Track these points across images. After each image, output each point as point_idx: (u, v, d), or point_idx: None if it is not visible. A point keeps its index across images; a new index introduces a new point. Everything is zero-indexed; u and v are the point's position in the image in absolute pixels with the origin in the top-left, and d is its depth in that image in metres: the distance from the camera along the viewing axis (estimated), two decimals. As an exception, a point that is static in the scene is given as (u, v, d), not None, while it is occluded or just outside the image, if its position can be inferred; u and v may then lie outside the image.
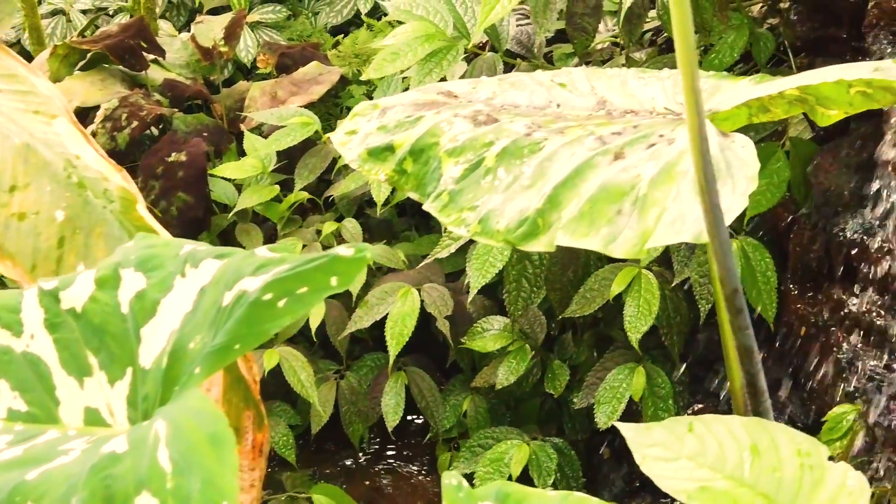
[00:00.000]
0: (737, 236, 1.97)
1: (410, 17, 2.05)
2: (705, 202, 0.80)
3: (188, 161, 2.48)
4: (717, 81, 1.13)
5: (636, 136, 1.03)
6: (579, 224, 0.98)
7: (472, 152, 1.10)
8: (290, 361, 2.24)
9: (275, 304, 0.75)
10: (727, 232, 0.83)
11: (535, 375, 2.20)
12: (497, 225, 1.04)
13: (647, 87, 1.13)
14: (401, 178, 1.16)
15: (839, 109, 1.13)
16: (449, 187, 1.09)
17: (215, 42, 2.79)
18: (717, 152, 0.96)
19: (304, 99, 2.73)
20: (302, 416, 2.33)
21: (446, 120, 1.14)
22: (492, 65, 2.00)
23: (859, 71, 1.03)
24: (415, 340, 2.37)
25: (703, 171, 0.78)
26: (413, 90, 1.25)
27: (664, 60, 2.04)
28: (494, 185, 1.06)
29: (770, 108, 1.16)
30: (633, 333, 1.96)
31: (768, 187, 1.91)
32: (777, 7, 2.03)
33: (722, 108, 1.06)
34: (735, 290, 0.82)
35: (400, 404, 2.26)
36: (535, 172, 1.04)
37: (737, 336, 0.85)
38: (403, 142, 1.16)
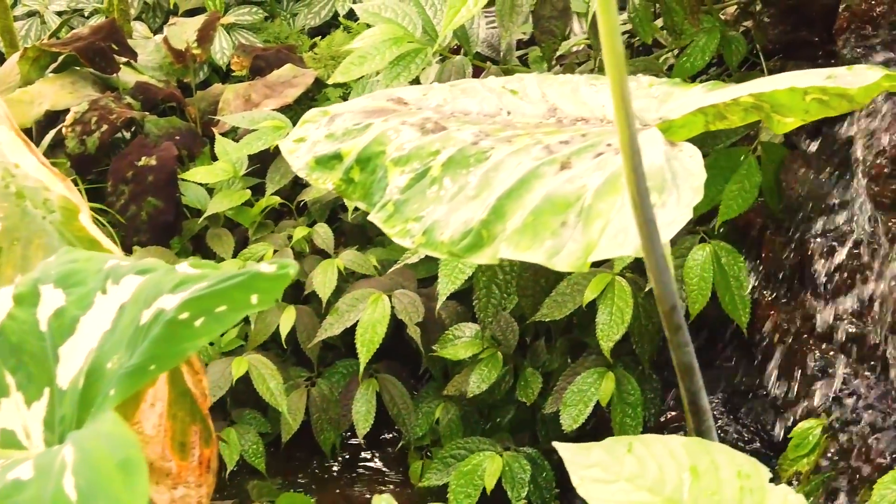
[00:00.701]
0: (709, 241, 1.94)
1: (379, 19, 2.02)
2: (639, 216, 0.77)
3: (158, 165, 2.45)
4: (670, 88, 1.10)
5: (584, 146, 1.00)
6: (523, 236, 0.95)
7: (418, 161, 1.07)
8: (259, 369, 2.21)
9: (191, 324, 0.73)
10: (662, 247, 0.80)
11: (507, 383, 2.17)
12: (441, 236, 1.01)
13: (599, 94, 1.11)
14: (348, 187, 1.14)
15: (795, 117, 1.10)
16: (394, 197, 1.06)
17: (188, 44, 2.76)
18: (662, 162, 0.94)
19: (278, 102, 2.70)
20: (273, 423, 2.30)
21: (394, 128, 1.11)
22: (461, 68, 1.97)
23: (812, 78, 1.01)
24: (388, 347, 2.34)
25: (636, 185, 0.75)
26: (363, 97, 1.23)
27: (636, 63, 2.02)
28: (440, 195, 1.04)
29: (726, 115, 1.13)
30: (605, 342, 1.94)
31: (740, 192, 1.88)
32: (749, 10, 2.00)
33: (672, 116, 1.03)
34: (673, 306, 0.79)
35: (371, 412, 2.23)
36: (480, 182, 1.01)
37: (676, 354, 0.82)
38: (351, 150, 1.13)
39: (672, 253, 1.98)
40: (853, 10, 1.72)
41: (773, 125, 1.12)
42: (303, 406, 2.28)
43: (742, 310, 1.92)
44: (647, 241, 0.77)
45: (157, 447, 1.17)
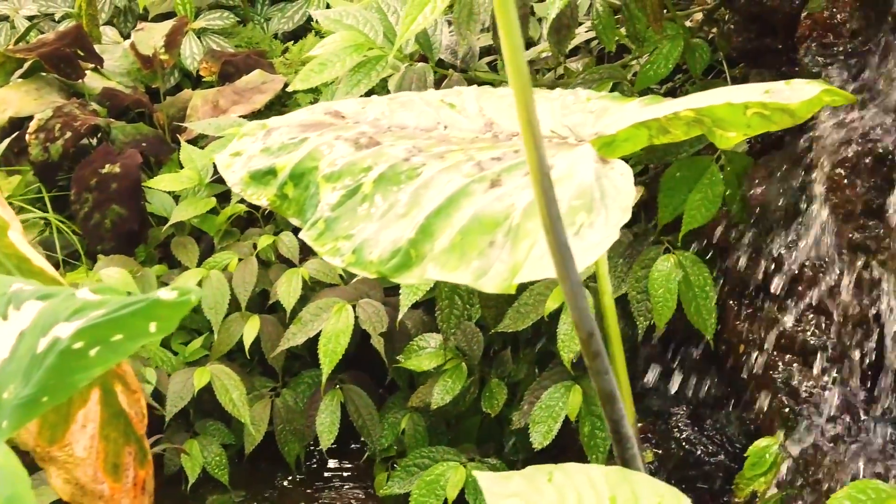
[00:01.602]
0: (674, 252, 1.92)
1: (340, 26, 2.00)
2: (552, 241, 0.74)
3: (122, 173, 2.42)
4: (607, 103, 1.07)
5: (516, 162, 0.98)
6: (450, 256, 0.93)
7: (350, 178, 1.04)
8: (221, 380, 2.18)
9: (86, 353, 0.70)
10: (577, 273, 0.77)
11: (472, 394, 2.14)
12: (370, 255, 0.98)
13: (536, 108, 1.08)
14: (283, 203, 1.11)
15: (737, 131, 1.07)
16: (325, 214, 1.03)
17: (156, 50, 2.73)
18: (591, 181, 0.91)
19: (247, 108, 2.67)
20: (237, 434, 2.28)
21: (327, 143, 1.09)
22: (422, 76, 1.95)
23: (749, 93, 0.98)
24: (354, 356, 2.32)
25: (547, 210, 0.73)
26: (302, 110, 1.20)
27: (600, 71, 1.99)
28: (371, 212, 1.01)
29: (669, 129, 1.10)
30: (566, 353, 1.91)
31: (703, 202, 1.86)
32: (714, 17, 1.98)
33: (608, 132, 1.00)
34: (591, 333, 0.77)
35: (335, 423, 2.20)
36: (410, 200, 0.99)
37: (596, 381, 0.80)
38: (285, 165, 1.11)
39: (637, 264, 1.97)
40: (815, 18, 1.70)
41: (716, 139, 1.10)
42: (266, 417, 2.25)
43: (708, 320, 1.90)
44: (560, 268, 0.75)
45: (88, 469, 1.14)
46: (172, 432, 2.26)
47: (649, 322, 1.93)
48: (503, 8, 0.65)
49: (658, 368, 2.09)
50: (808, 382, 1.75)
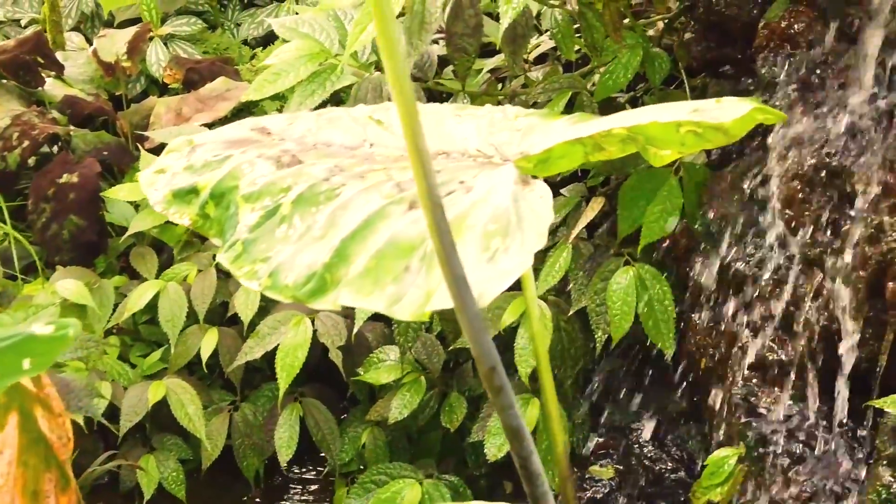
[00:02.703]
0: (633, 264, 1.89)
1: (295, 34, 1.96)
2: (447, 274, 0.71)
3: (80, 182, 2.38)
4: (534, 121, 1.04)
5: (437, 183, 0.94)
6: (364, 281, 0.89)
7: (269, 198, 1.01)
8: (177, 394, 2.14)
9: (-45, 392, 0.67)
10: (476, 304, 0.74)
11: (431, 408, 2.11)
12: (286, 279, 0.94)
13: (462, 125, 1.05)
14: (205, 223, 1.07)
15: (672, 149, 1.04)
16: (243, 236, 1.00)
17: (118, 57, 2.69)
18: (508, 204, 0.88)
19: (210, 116, 2.63)
20: (194, 449, 2.23)
21: (249, 161, 1.05)
22: (377, 85, 1.91)
23: (677, 112, 0.95)
24: (316, 369, 2.28)
25: (440, 240, 0.69)
26: (229, 125, 1.16)
27: (560, 80, 1.96)
28: (289, 234, 0.97)
29: (604, 146, 1.07)
30: (523, 367, 1.88)
31: (662, 214, 1.83)
32: (674, 26, 1.95)
33: (532, 151, 0.97)
34: (492, 367, 0.74)
35: (294, 438, 2.16)
36: (327, 222, 0.95)
37: (502, 417, 0.76)
38: (207, 184, 1.07)
39: (596, 276, 1.93)
40: (772, 27, 1.67)
41: (650, 157, 1.07)
42: (224, 431, 2.21)
43: (666, 335, 1.87)
44: (458, 300, 0.71)
45: (6, 497, 1.10)
46: (129, 447, 2.21)
47: (606, 336, 1.90)
48: (383, 31, 0.61)
49: (620, 382, 2.06)
50: (767, 398, 1.72)
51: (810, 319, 1.60)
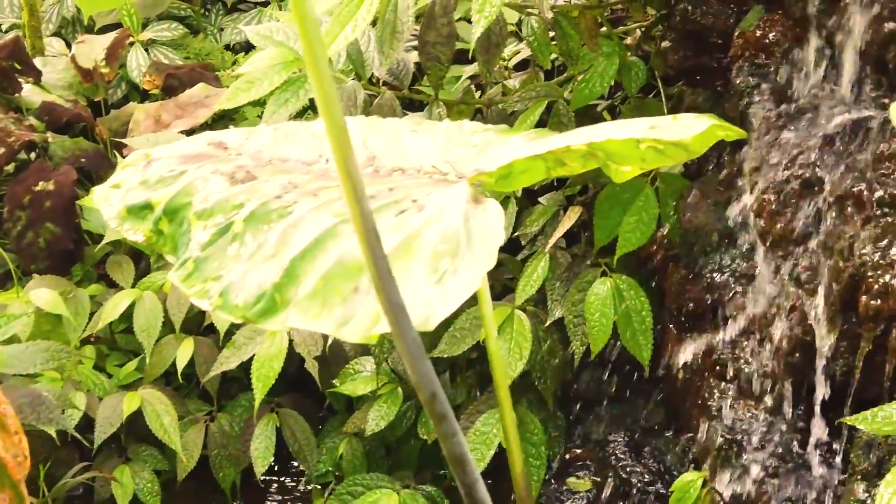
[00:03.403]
0: (611, 275, 1.87)
1: (269, 42, 1.94)
2: (384, 300, 0.69)
3: (56, 190, 2.36)
4: (490, 136, 1.02)
5: (388, 201, 0.92)
6: (312, 302, 0.88)
7: (222, 215, 0.99)
8: (153, 405, 2.12)
9: None
10: (414, 331, 0.72)
11: (409, 419, 2.09)
12: (237, 299, 0.93)
13: (419, 141, 1.03)
14: (158, 239, 1.05)
15: (632, 165, 1.03)
16: (194, 254, 0.98)
17: (96, 63, 2.67)
18: (459, 224, 0.86)
19: (189, 123, 2.61)
20: (171, 460, 2.21)
21: (202, 177, 1.03)
22: (351, 94, 1.89)
23: (632, 129, 0.93)
24: (294, 379, 2.26)
25: (375, 267, 0.67)
26: (186, 140, 1.14)
27: (536, 88, 1.94)
28: (240, 253, 0.95)
29: (566, 161, 1.05)
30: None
31: (638, 224, 1.81)
32: (651, 35, 1.93)
33: (487, 168, 0.95)
34: (433, 394, 0.72)
35: (270, 449, 2.14)
36: (278, 240, 0.93)
37: (445, 444, 0.74)
38: (161, 200, 1.05)
39: (573, 287, 1.92)
40: (747, 37, 1.65)
41: (611, 173, 1.05)
42: (200, 442, 2.19)
43: (644, 346, 1.85)
44: (395, 327, 0.69)
45: (-43, 518, 1.08)
46: (104, 458, 2.19)
47: (585, 347, 1.88)
48: (310, 53, 0.59)
49: (598, 393, 2.04)
50: (742, 411, 1.70)
51: (785, 332, 1.58)
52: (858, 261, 1.42)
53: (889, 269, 1.38)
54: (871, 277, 1.39)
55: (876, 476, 1.48)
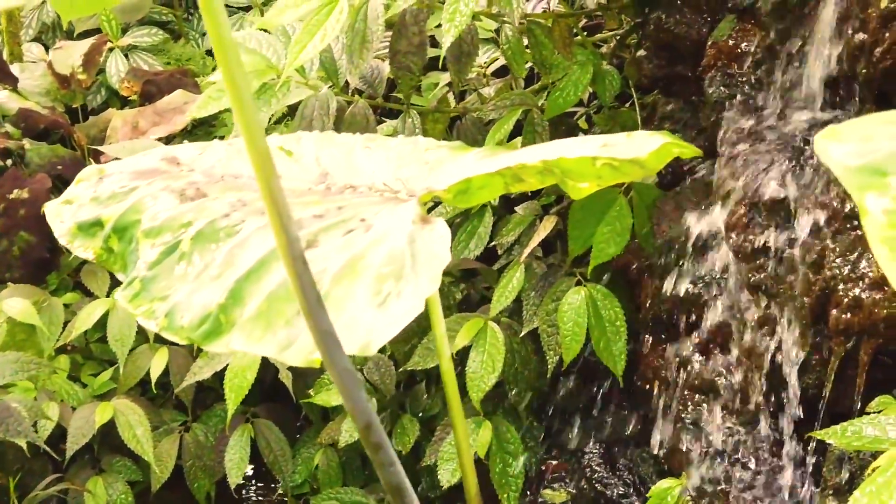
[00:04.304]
0: (586, 284, 1.85)
1: (242, 50, 1.92)
2: (312, 327, 0.67)
3: (31, 198, 2.34)
4: (443, 154, 1.00)
5: (336, 221, 0.91)
6: (256, 325, 0.86)
7: (170, 233, 0.97)
8: (126, 415, 2.10)
9: None
10: (346, 359, 0.70)
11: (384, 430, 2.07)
12: (182, 320, 0.91)
13: (372, 157, 1.01)
14: (109, 257, 1.04)
15: (589, 182, 1.01)
16: (142, 273, 0.96)
17: (73, 69, 2.65)
18: (404, 245, 0.84)
19: (167, 130, 2.59)
20: (144, 471, 2.19)
21: (152, 194, 1.02)
22: (324, 102, 1.87)
23: (585, 147, 0.92)
24: (269, 389, 2.24)
25: (303, 294, 0.66)
26: (140, 154, 1.13)
27: (511, 97, 1.93)
28: (187, 272, 0.94)
29: (523, 178, 1.04)
30: (474, 392, 1.85)
31: (611, 235, 1.79)
32: (626, 43, 1.92)
33: (437, 187, 0.94)
34: (368, 424, 0.70)
35: (244, 459, 2.12)
36: (224, 260, 0.92)
37: (382, 474, 0.73)
38: (111, 217, 1.04)
39: (548, 296, 1.90)
40: (719, 46, 1.64)
41: (569, 189, 1.04)
42: (174, 452, 2.17)
43: (618, 356, 1.83)
44: (326, 356, 0.68)
45: None
46: (78, 468, 2.17)
47: (558, 357, 1.87)
48: (229, 78, 0.58)
49: (575, 404, 2.03)
50: (716, 422, 1.69)
51: (758, 345, 1.57)
52: (829, 274, 1.40)
53: (859, 283, 1.36)
54: (842, 291, 1.37)
55: (847, 491, 1.47)
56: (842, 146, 0.51)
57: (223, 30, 0.56)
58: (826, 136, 0.52)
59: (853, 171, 0.50)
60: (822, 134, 0.52)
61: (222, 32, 0.56)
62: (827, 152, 0.51)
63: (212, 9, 0.55)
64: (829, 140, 0.51)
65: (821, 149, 0.51)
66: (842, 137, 0.51)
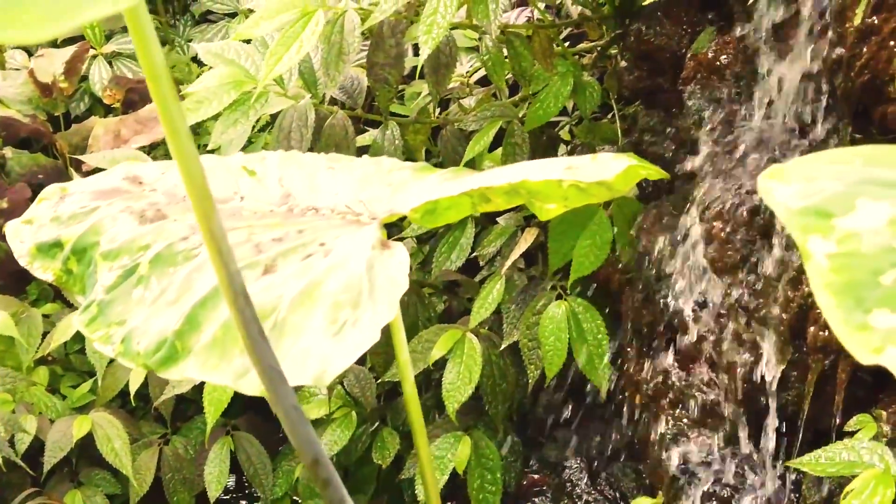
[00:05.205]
0: (567, 297, 1.84)
1: (220, 60, 1.91)
2: (256, 362, 0.66)
3: (9, 208, 2.32)
4: (407, 175, 0.99)
5: (296, 244, 0.89)
6: (211, 352, 0.84)
7: (128, 256, 0.95)
8: (104, 428, 2.08)
9: None
10: (293, 395, 0.69)
11: (364, 443, 2.05)
12: (138, 346, 0.89)
13: (336, 178, 1.00)
14: (68, 279, 1.02)
15: (556, 203, 1.00)
16: (99, 297, 0.94)
17: (55, 77, 2.63)
18: (362, 272, 0.83)
19: (149, 138, 2.57)
20: (123, 484, 2.17)
21: (112, 215, 1.00)
22: (303, 114, 1.85)
23: (549, 170, 0.90)
24: (251, 401, 2.23)
25: (245, 329, 0.64)
26: (103, 173, 1.11)
27: (491, 108, 1.91)
28: (144, 297, 0.92)
29: (491, 198, 1.02)
30: (450, 403, 1.83)
31: (591, 248, 1.78)
32: (607, 54, 1.90)
33: (399, 210, 0.92)
34: (315, 459, 0.68)
35: (224, 473, 2.11)
36: (182, 285, 0.90)
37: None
38: (70, 238, 1.02)
39: (528, 310, 1.88)
40: (699, 59, 1.63)
41: (536, 210, 1.02)
42: (154, 465, 2.15)
43: (599, 369, 1.82)
44: (271, 392, 0.66)
45: None
46: (56, 482, 2.15)
47: (539, 371, 1.85)
48: (161, 102, 0.56)
49: (556, 417, 2.01)
50: (697, 439, 1.67)
51: (737, 360, 1.55)
52: (807, 290, 1.39)
53: (837, 300, 1.35)
54: (819, 308, 1.36)
55: (826, 509, 1.45)
56: (786, 187, 0.49)
57: (155, 58, 0.55)
58: (770, 175, 0.50)
59: (797, 212, 0.48)
60: (767, 173, 0.50)
61: (154, 61, 0.54)
62: (771, 193, 0.49)
63: (143, 38, 0.54)
64: (773, 180, 0.50)
65: (764, 189, 0.49)
66: (786, 178, 0.50)
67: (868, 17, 1.29)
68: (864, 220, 0.47)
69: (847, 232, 0.47)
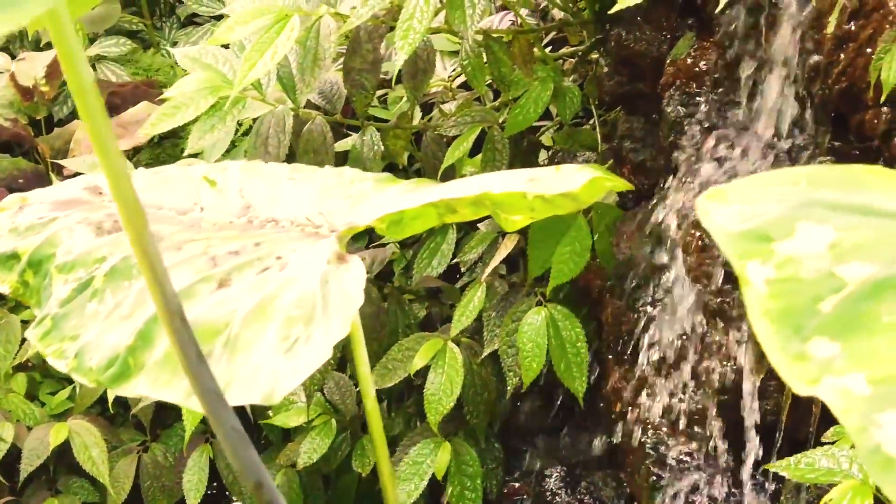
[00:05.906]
0: (546, 304, 1.82)
1: (198, 65, 1.89)
2: (194, 384, 0.64)
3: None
4: (367, 187, 0.97)
5: (251, 258, 0.87)
6: (163, 369, 0.82)
7: (83, 269, 0.93)
8: (81, 436, 2.06)
9: None
10: (234, 418, 0.67)
11: (343, 451, 2.03)
12: (91, 361, 0.87)
13: (297, 189, 0.98)
14: (25, 291, 1.00)
15: (521, 215, 0.98)
16: (53, 311, 0.92)
17: (36, 81, 2.61)
18: (315, 287, 0.81)
19: (131, 143, 2.55)
20: (101, 492, 2.15)
21: (69, 226, 0.98)
22: (280, 119, 1.84)
23: (511, 182, 0.88)
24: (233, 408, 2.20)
25: (183, 351, 0.62)
26: (64, 183, 1.09)
27: (472, 114, 1.89)
28: (98, 311, 0.90)
29: (457, 209, 1.01)
30: (432, 415, 1.81)
31: (571, 255, 1.76)
32: (587, 59, 1.89)
33: (358, 222, 0.90)
34: (259, 483, 0.66)
35: (203, 481, 2.09)
36: (137, 299, 0.88)
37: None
38: (27, 249, 1.00)
39: (508, 316, 1.87)
40: (678, 65, 1.61)
41: (501, 222, 1.00)
42: (132, 473, 2.13)
43: (578, 377, 1.80)
44: (212, 415, 0.64)
45: None
46: (33, 490, 2.14)
47: (518, 379, 1.83)
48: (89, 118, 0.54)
49: (537, 425, 1.99)
50: (676, 448, 1.66)
51: (714, 369, 1.54)
52: (784, 300, 1.37)
53: (814, 309, 1.33)
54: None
55: (805, 520, 1.44)
56: (726, 208, 0.48)
57: (81, 71, 0.53)
58: (710, 196, 0.48)
59: (735, 236, 0.47)
60: (707, 194, 0.49)
61: (80, 74, 0.53)
62: (709, 216, 0.47)
63: (66, 48, 0.52)
64: (712, 202, 0.48)
65: (703, 211, 0.48)
66: (726, 199, 0.48)
67: (845, 23, 1.28)
68: (805, 244, 0.45)
69: (786, 257, 0.45)
